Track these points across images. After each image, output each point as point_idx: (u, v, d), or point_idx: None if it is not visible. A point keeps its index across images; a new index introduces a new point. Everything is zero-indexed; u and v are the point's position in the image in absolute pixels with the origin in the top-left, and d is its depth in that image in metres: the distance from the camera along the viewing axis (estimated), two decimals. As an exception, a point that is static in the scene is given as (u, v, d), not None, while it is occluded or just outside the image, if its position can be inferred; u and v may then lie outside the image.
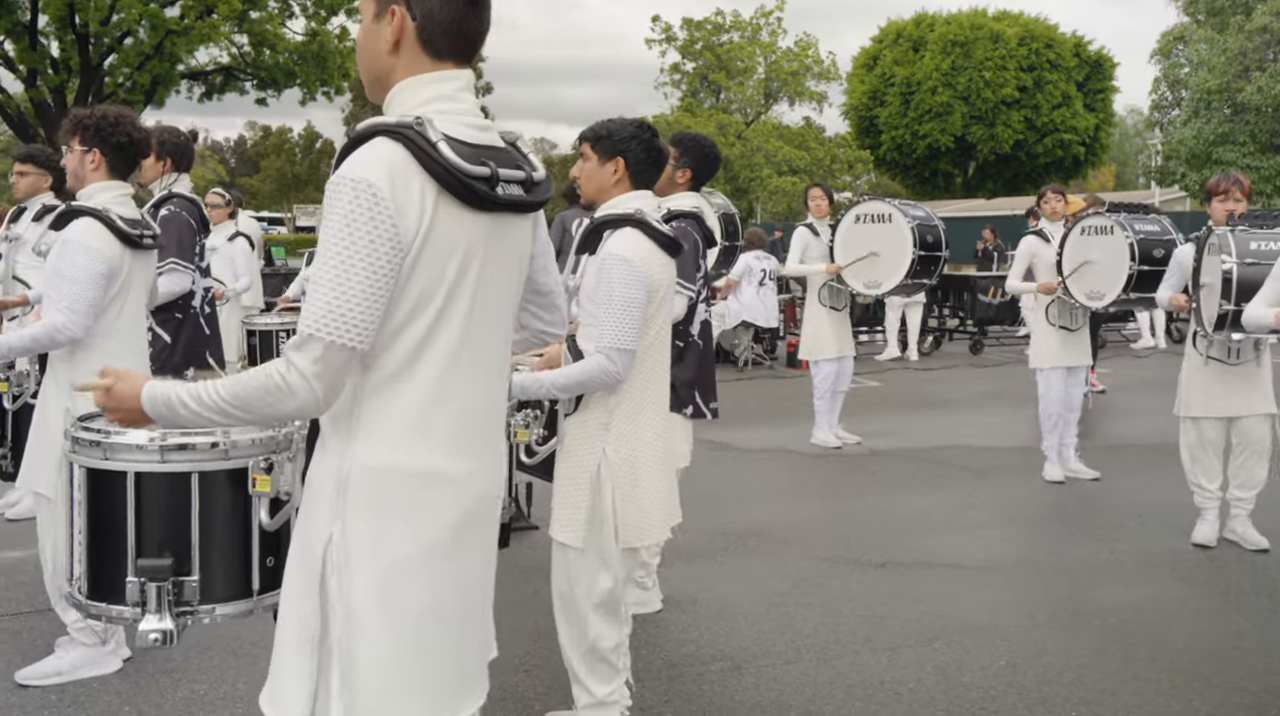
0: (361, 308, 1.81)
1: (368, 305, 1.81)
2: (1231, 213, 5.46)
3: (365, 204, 1.80)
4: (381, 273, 1.81)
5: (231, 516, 2.44)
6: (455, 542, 1.98)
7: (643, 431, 3.25)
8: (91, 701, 3.84)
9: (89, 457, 2.49)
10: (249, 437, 2.42)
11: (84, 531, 2.48)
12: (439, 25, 1.96)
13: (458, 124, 1.94)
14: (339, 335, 1.81)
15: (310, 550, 1.95)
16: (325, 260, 1.81)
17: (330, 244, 1.81)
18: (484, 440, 2.04)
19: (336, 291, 1.80)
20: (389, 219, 1.81)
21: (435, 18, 1.95)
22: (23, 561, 5.41)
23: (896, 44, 43.68)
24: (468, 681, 2.06)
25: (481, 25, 2.02)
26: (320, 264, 1.82)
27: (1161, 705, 3.85)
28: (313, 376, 1.81)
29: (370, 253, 1.80)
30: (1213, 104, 32.75)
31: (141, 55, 26.39)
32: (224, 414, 1.89)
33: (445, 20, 1.96)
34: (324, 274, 1.81)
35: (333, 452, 1.94)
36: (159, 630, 2.32)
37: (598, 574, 3.26)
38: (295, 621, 1.97)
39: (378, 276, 1.81)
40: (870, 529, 6.11)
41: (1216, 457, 5.70)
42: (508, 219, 2.02)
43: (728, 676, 4.07)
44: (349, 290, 1.80)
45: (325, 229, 1.83)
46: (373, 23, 2.00)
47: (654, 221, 3.23)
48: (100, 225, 3.78)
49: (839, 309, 8.38)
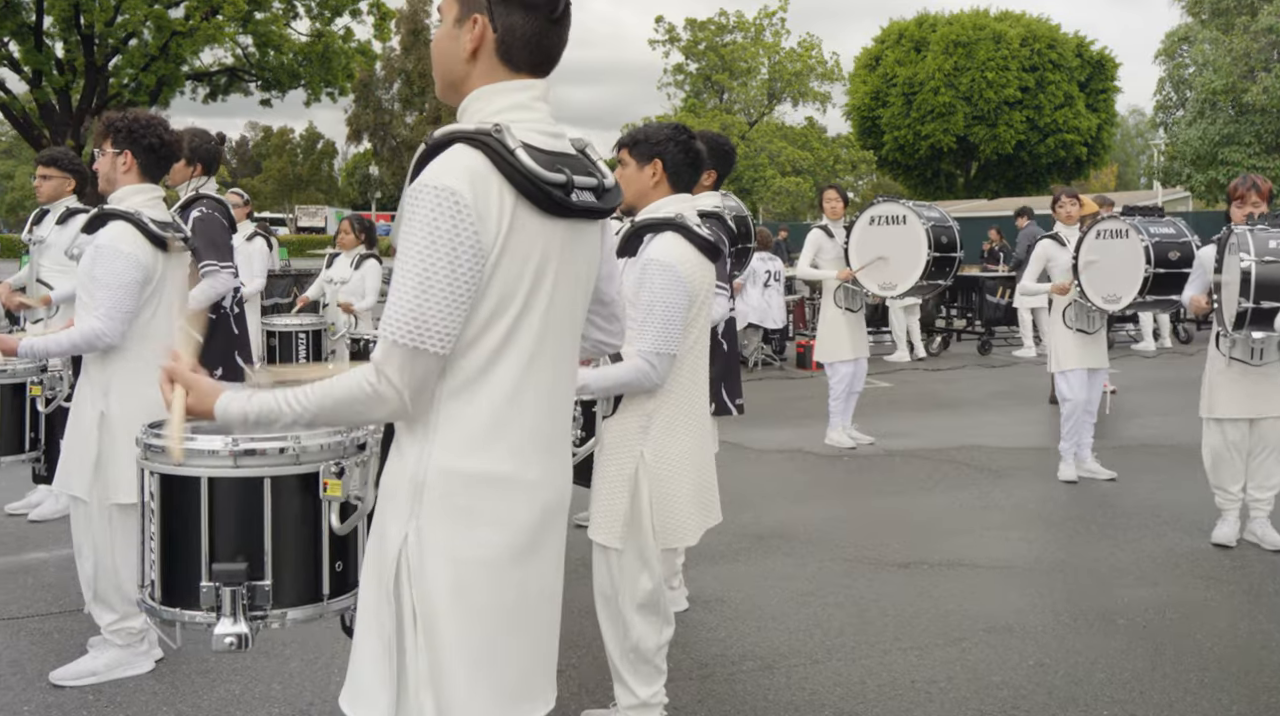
0: (444, 314, 1.83)
1: (450, 311, 1.83)
2: (1251, 214, 5.49)
3: (448, 210, 1.82)
4: (463, 279, 1.83)
5: (302, 521, 2.46)
6: (528, 546, 2.00)
7: (681, 434, 3.27)
8: (129, 701, 3.86)
9: (162, 464, 2.51)
10: (318, 443, 2.44)
11: (157, 537, 2.50)
12: (519, 39, 1.98)
13: (533, 131, 1.96)
14: (423, 341, 1.83)
15: (385, 552, 1.97)
16: (407, 267, 1.83)
17: (412, 251, 1.83)
18: (554, 445, 2.06)
19: (420, 298, 1.82)
20: (471, 225, 1.83)
21: (516, 32, 1.97)
22: (47, 562, 5.44)
23: (899, 44, 43.73)
24: (537, 686, 2.07)
25: (560, 42, 2.04)
26: (402, 271, 1.84)
27: (1191, 703, 3.87)
28: (400, 383, 1.84)
29: (452, 259, 1.82)
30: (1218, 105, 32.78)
31: (146, 56, 26.46)
32: (310, 423, 1.94)
33: (526, 35, 1.98)
34: (406, 281, 1.83)
35: (409, 456, 1.96)
36: (234, 633, 2.34)
37: (638, 575, 3.28)
38: (373, 623, 1.99)
39: (460, 282, 1.83)
40: (890, 529, 6.13)
41: (1241, 459, 5.71)
42: (580, 225, 2.05)
43: (760, 675, 4.10)
44: (432, 297, 1.82)
45: (406, 236, 1.84)
46: (453, 27, 2.01)
47: (694, 225, 3.25)
48: (133, 229, 3.81)
49: (854, 310, 8.39)
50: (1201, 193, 32.41)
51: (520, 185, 1.89)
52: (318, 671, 4.11)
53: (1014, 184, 43.36)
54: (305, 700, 3.87)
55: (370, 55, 31.61)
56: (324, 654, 4.26)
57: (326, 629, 4.45)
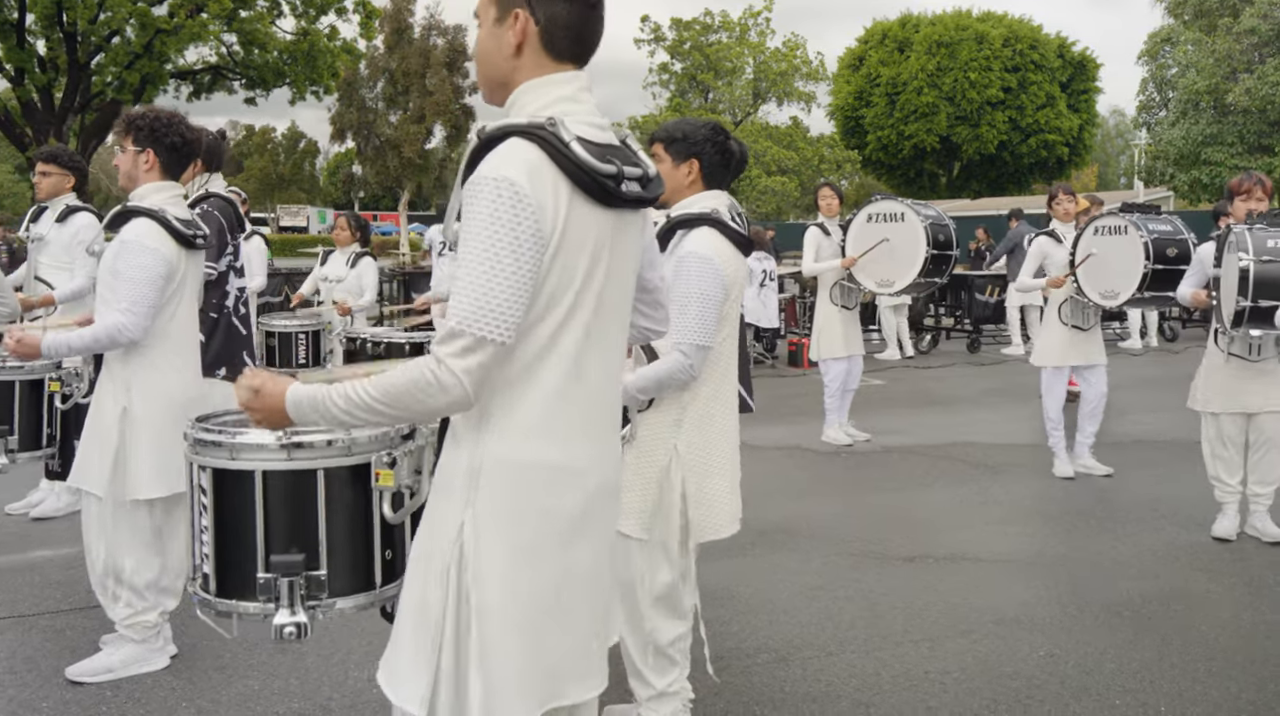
0: (508, 303, 1.86)
1: (513, 300, 1.86)
2: (1251, 211, 5.56)
3: (508, 202, 1.85)
4: (525, 268, 1.86)
5: (354, 511, 2.48)
6: (581, 531, 2.04)
7: (715, 427, 3.30)
8: (146, 697, 3.86)
9: (214, 458, 2.52)
10: (367, 434, 2.45)
11: (210, 530, 2.51)
12: (561, 28, 2.02)
13: (583, 124, 2.00)
14: (488, 331, 1.85)
15: (439, 538, 2.00)
16: (470, 258, 1.86)
17: (475, 242, 1.86)
18: (606, 431, 2.11)
19: (484, 288, 1.85)
20: (531, 215, 1.86)
21: (558, 21, 2.01)
22: (52, 560, 5.43)
23: (882, 45, 43.88)
24: (587, 667, 2.11)
25: (600, 28, 2.08)
26: (465, 262, 1.87)
27: (1201, 693, 3.93)
28: (462, 371, 1.86)
29: (514, 248, 1.85)
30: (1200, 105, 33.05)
31: (130, 54, 26.27)
32: (373, 412, 1.93)
33: (568, 23, 2.02)
34: (470, 271, 1.86)
35: (464, 444, 1.99)
36: (294, 623, 2.36)
37: (658, 567, 3.31)
38: (420, 607, 2.01)
39: (522, 272, 1.86)
40: (893, 524, 6.18)
41: (1237, 453, 5.79)
42: (628, 215, 2.09)
43: (775, 668, 4.14)
44: (496, 286, 1.85)
45: (468, 228, 1.88)
46: (494, 27, 2.05)
47: (729, 220, 3.28)
48: (157, 226, 3.81)
49: (850, 308, 8.44)
50: (1185, 192, 32.65)
51: (575, 177, 1.93)
52: (334, 666, 4.12)
53: (996, 184, 43.58)
54: (324, 694, 3.89)
55: (356, 54, 31.50)
56: (340, 648, 4.27)
57: (341, 622, 4.47)
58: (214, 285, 5.08)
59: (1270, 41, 31.08)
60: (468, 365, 1.86)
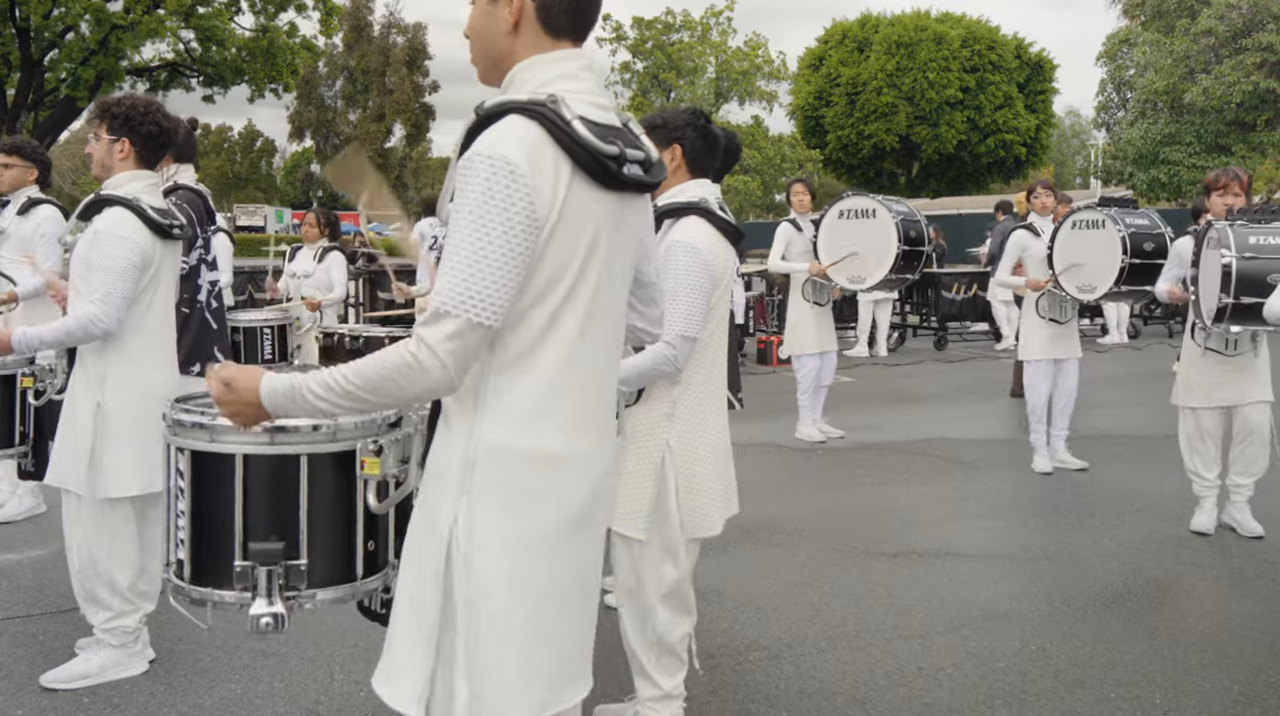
0: (496, 285, 1.78)
1: (503, 282, 1.79)
2: (1230, 207, 5.59)
3: (502, 180, 1.78)
4: (517, 250, 1.79)
5: (336, 500, 2.39)
6: (577, 523, 1.96)
7: (706, 421, 3.25)
8: (126, 703, 3.75)
9: (194, 440, 2.41)
10: (353, 421, 2.36)
11: (187, 515, 2.41)
12: (559, 3, 1.95)
13: (584, 103, 1.93)
14: (474, 312, 1.78)
15: (434, 530, 1.92)
16: (460, 237, 1.79)
17: (465, 221, 1.78)
18: (602, 420, 2.03)
19: (472, 268, 1.77)
20: (526, 196, 1.79)
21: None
22: (20, 564, 5.28)
23: (842, 44, 44.04)
24: (577, 669, 2.04)
25: (598, 2, 2.01)
26: (454, 241, 1.79)
27: (1193, 684, 3.93)
28: (445, 353, 1.78)
29: (506, 229, 1.78)
30: (1159, 105, 33.46)
31: (85, 51, 25.81)
32: (352, 398, 1.85)
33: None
34: (458, 251, 1.78)
35: (458, 432, 1.92)
36: (270, 614, 2.27)
37: (663, 565, 3.24)
38: (415, 604, 1.94)
39: (513, 253, 1.79)
40: (874, 520, 6.16)
41: (1215, 447, 5.82)
42: (629, 199, 2.02)
43: (767, 665, 4.09)
44: (484, 267, 1.77)
45: (459, 206, 1.80)
46: (489, 4, 1.98)
47: (716, 209, 3.22)
48: (132, 215, 3.70)
49: (822, 304, 8.42)
50: (1144, 190, 32.99)
51: (577, 156, 1.86)
52: (319, 668, 4.03)
53: (955, 183, 43.90)
54: (310, 698, 3.79)
55: (315, 51, 31.15)
56: (323, 651, 4.18)
57: (322, 625, 4.38)
58: (185, 279, 4.96)
59: (1227, 42, 31.53)
60: (451, 347, 1.78)
